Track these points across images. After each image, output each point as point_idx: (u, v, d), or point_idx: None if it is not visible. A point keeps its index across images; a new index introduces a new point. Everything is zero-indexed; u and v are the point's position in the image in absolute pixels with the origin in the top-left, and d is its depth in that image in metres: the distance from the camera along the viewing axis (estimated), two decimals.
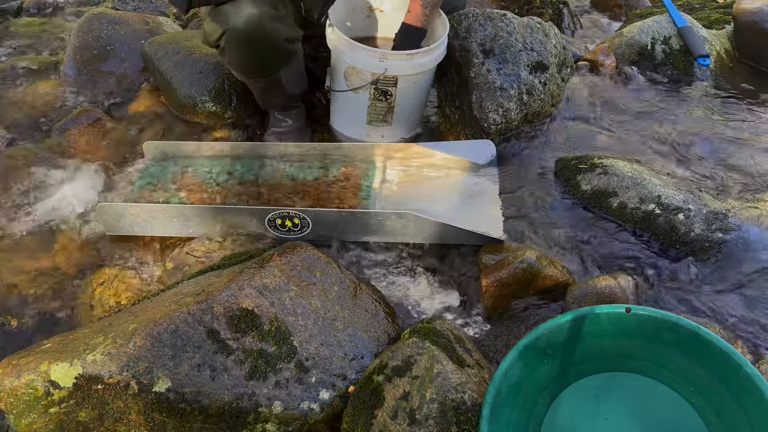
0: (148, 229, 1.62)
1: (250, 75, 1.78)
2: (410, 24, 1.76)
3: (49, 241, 1.64)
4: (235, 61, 1.72)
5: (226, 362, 1.16)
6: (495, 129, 1.83)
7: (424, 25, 1.76)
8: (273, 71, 1.75)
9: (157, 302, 1.30)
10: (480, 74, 1.82)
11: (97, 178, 1.82)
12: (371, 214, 1.56)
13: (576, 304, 1.38)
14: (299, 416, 1.16)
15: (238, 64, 1.73)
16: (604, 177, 1.68)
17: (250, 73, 1.77)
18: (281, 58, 1.73)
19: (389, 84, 1.75)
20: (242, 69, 1.76)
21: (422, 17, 1.75)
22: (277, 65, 1.74)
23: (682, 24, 2.34)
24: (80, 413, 1.11)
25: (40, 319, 1.48)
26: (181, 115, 2.08)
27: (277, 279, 1.30)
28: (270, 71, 1.75)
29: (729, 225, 1.53)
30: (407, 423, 1.07)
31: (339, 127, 1.96)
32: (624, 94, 2.21)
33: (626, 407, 1.14)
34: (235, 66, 1.75)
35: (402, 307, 1.47)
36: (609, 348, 1.15)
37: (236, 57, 1.70)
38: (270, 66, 1.73)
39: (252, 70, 1.76)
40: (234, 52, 1.67)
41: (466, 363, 1.17)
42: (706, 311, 1.41)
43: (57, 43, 2.56)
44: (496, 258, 1.50)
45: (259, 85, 1.83)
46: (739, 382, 1.03)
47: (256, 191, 1.69)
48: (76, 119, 2.00)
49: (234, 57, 1.70)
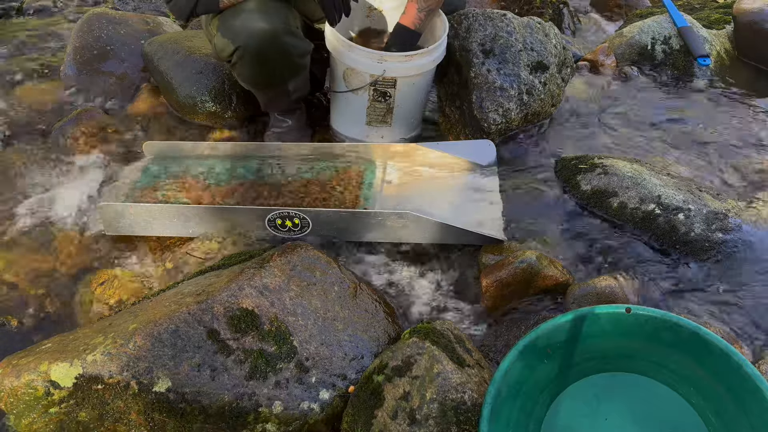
0: (148, 229, 1.62)
1: (259, 88, 1.78)
2: (404, 25, 1.75)
3: (49, 241, 1.65)
4: (247, 75, 1.71)
5: (226, 362, 1.16)
6: (495, 129, 1.83)
7: (417, 28, 1.75)
8: (282, 83, 1.75)
9: (157, 302, 1.30)
10: (480, 74, 1.82)
11: (96, 178, 1.83)
12: (371, 214, 1.56)
13: (576, 304, 1.38)
14: (299, 416, 1.16)
15: (249, 78, 1.72)
16: (604, 177, 1.68)
17: (259, 86, 1.77)
18: (292, 71, 1.73)
19: (388, 85, 1.75)
20: (253, 83, 1.75)
21: (416, 20, 1.74)
22: (287, 78, 1.74)
23: (682, 24, 2.34)
24: (80, 413, 1.11)
25: (40, 319, 1.48)
26: (181, 115, 2.08)
27: (277, 279, 1.30)
28: (279, 83, 1.75)
29: (729, 225, 1.53)
30: (407, 423, 1.07)
31: (339, 128, 1.96)
32: (624, 94, 2.21)
33: (626, 407, 1.14)
34: (245, 79, 1.74)
35: (402, 307, 1.47)
36: (609, 348, 1.15)
37: (248, 72, 1.69)
38: (280, 79, 1.73)
39: (262, 84, 1.76)
40: (246, 67, 1.66)
41: (466, 363, 1.17)
42: (706, 311, 1.41)
43: (57, 43, 2.56)
44: (496, 258, 1.50)
45: (266, 95, 1.83)
46: (739, 382, 1.03)
47: (256, 191, 1.69)
48: (76, 119, 2.00)
49: (246, 72, 1.69)
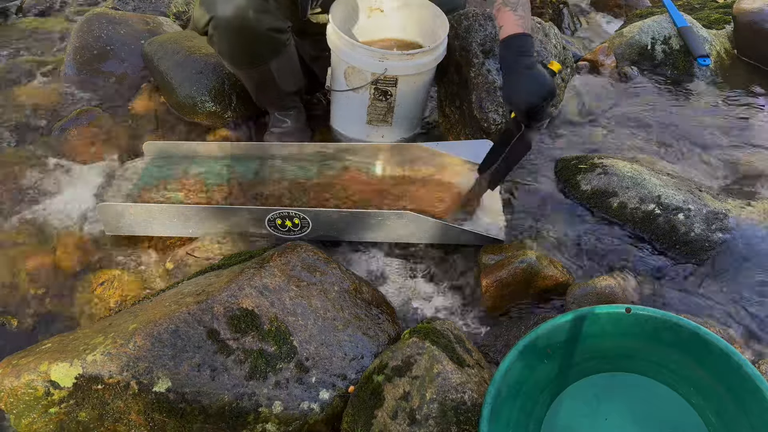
0: (148, 229, 1.62)
1: (239, 65, 1.79)
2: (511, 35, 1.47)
3: (49, 240, 1.65)
4: (223, 49, 1.73)
5: (226, 362, 1.16)
6: (495, 129, 1.83)
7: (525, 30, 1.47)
8: (262, 61, 1.75)
9: (157, 302, 1.29)
10: (480, 74, 1.82)
11: (96, 178, 1.83)
12: (371, 213, 1.55)
13: (576, 304, 1.38)
14: (299, 416, 1.16)
15: (227, 52, 1.74)
16: (604, 177, 1.68)
17: (238, 62, 1.78)
18: (268, 47, 1.73)
19: (389, 84, 1.75)
20: (231, 58, 1.77)
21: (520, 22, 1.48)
22: (265, 55, 1.74)
23: (682, 24, 2.34)
24: (80, 413, 1.11)
25: (40, 319, 1.48)
26: (181, 115, 2.08)
27: (277, 279, 1.30)
28: (258, 61, 1.75)
29: (729, 225, 1.53)
30: (407, 423, 1.07)
31: (339, 127, 1.96)
32: (624, 94, 2.21)
33: (626, 407, 1.14)
34: (223, 54, 1.77)
35: (402, 307, 1.47)
36: (609, 348, 1.15)
37: (224, 45, 1.71)
38: (258, 55, 1.74)
39: (240, 60, 1.77)
40: (221, 39, 1.69)
41: (466, 363, 1.17)
42: (706, 311, 1.41)
43: (57, 43, 2.56)
44: (496, 258, 1.50)
45: (252, 80, 1.84)
46: (739, 382, 1.03)
47: (256, 191, 1.69)
48: (76, 119, 2.00)
49: (222, 45, 1.71)
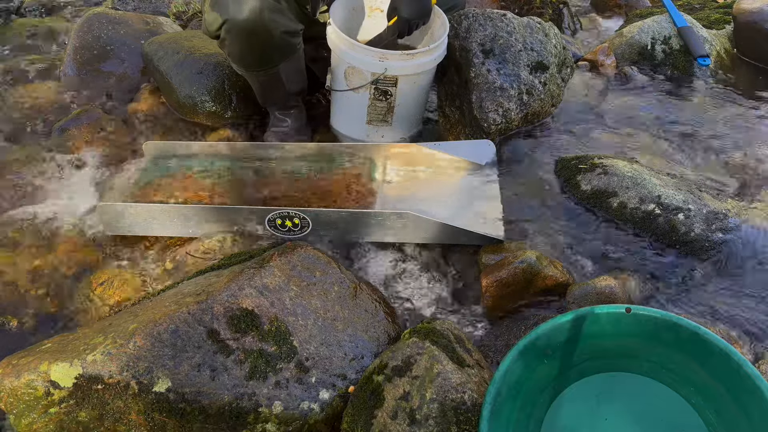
0: (148, 229, 1.62)
1: (249, 68, 1.77)
2: None
3: (49, 241, 1.65)
4: (235, 52, 1.71)
5: (226, 362, 1.16)
6: (495, 129, 1.83)
7: None
8: (272, 65, 1.74)
9: (157, 302, 1.29)
10: (480, 74, 1.82)
11: (96, 178, 1.83)
12: (371, 214, 1.55)
13: (576, 304, 1.38)
14: (299, 416, 1.16)
15: (238, 55, 1.72)
16: (604, 177, 1.68)
17: (249, 65, 1.76)
18: (281, 51, 1.72)
19: (389, 84, 1.75)
20: (242, 61, 1.75)
21: None
22: (276, 58, 1.73)
23: (682, 24, 2.34)
24: (80, 413, 1.11)
25: (40, 319, 1.48)
26: (181, 115, 2.08)
27: (277, 279, 1.30)
28: (269, 64, 1.74)
29: (729, 225, 1.53)
30: (407, 423, 1.07)
31: (339, 127, 1.96)
32: (624, 94, 2.21)
33: (626, 407, 1.14)
34: (234, 58, 1.74)
35: (402, 307, 1.47)
36: (609, 348, 1.15)
37: (236, 48, 1.69)
38: (269, 59, 1.73)
39: (251, 63, 1.75)
40: (233, 43, 1.67)
41: (466, 363, 1.17)
42: (706, 311, 1.41)
43: (57, 43, 2.56)
44: (496, 258, 1.50)
45: (259, 81, 1.83)
46: (739, 382, 1.03)
47: (256, 191, 1.69)
48: (76, 119, 2.00)
49: (233, 48, 1.69)
